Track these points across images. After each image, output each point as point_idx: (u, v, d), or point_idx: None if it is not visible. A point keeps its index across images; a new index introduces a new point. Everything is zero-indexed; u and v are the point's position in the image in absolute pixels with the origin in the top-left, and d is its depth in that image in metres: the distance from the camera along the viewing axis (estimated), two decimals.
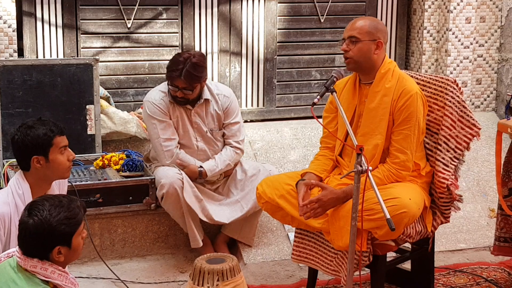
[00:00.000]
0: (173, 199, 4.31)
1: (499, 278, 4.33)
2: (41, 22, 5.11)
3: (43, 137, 3.17)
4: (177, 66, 4.29)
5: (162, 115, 4.41)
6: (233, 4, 5.55)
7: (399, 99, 3.67)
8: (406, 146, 3.68)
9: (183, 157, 4.45)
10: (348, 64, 3.73)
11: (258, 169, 4.52)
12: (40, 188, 3.22)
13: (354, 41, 3.67)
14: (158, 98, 4.43)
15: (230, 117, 4.55)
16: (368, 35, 3.67)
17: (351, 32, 3.69)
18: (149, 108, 4.43)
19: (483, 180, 5.40)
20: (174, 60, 4.35)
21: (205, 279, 3.25)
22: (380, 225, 3.45)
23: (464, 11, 5.81)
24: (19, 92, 4.71)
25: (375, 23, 3.74)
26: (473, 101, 6.08)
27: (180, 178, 4.31)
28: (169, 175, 4.30)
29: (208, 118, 4.50)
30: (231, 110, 4.55)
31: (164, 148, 4.42)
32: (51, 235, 2.64)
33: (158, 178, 4.37)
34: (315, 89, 5.85)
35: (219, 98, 4.52)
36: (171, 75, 4.31)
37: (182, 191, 4.29)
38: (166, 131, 4.42)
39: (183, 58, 4.31)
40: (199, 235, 4.44)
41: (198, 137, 4.51)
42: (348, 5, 5.84)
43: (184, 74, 4.26)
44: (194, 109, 4.46)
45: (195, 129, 4.49)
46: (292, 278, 4.36)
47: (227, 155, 4.52)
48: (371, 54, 3.69)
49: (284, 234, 4.75)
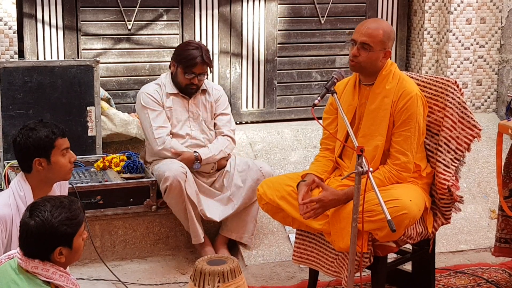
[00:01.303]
0: (177, 192, 4.33)
1: (500, 279, 4.33)
2: (42, 24, 5.11)
3: (45, 139, 3.16)
4: (194, 53, 4.49)
5: (154, 104, 4.55)
6: (233, 5, 5.55)
7: (399, 101, 3.68)
8: (407, 148, 3.68)
9: (175, 144, 4.50)
10: (353, 66, 3.72)
11: (248, 164, 4.54)
12: (42, 190, 3.22)
13: (366, 48, 3.65)
14: (151, 89, 4.60)
15: (222, 107, 4.72)
16: (381, 44, 3.66)
17: (365, 38, 3.65)
18: (143, 98, 4.57)
19: (483, 181, 5.40)
20: (188, 49, 4.53)
21: (206, 280, 3.25)
22: (381, 226, 3.45)
23: (465, 12, 5.81)
24: (19, 94, 4.71)
25: (389, 31, 3.71)
26: (473, 102, 6.09)
27: (184, 172, 4.34)
28: (173, 168, 4.34)
29: (203, 108, 4.65)
30: (222, 101, 4.73)
31: (155, 135, 4.52)
32: (53, 236, 2.64)
33: (162, 171, 4.39)
34: (315, 90, 5.86)
35: (211, 91, 4.70)
36: (191, 63, 4.49)
37: (185, 184, 4.31)
38: (158, 119, 4.54)
39: (195, 46, 4.55)
40: (201, 230, 4.45)
41: (193, 125, 4.61)
42: (349, 6, 5.85)
43: (205, 58, 4.49)
44: (191, 99, 4.61)
45: (190, 118, 4.61)
46: (293, 279, 4.36)
47: (220, 142, 4.63)
48: (378, 61, 3.69)
49: (285, 235, 4.75)
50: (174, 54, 4.58)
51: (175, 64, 4.54)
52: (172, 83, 4.59)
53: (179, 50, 4.58)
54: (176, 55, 4.56)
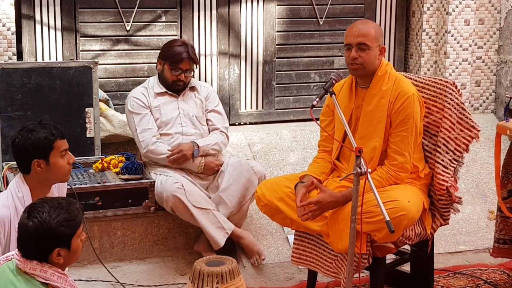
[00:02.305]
0: (181, 208, 4.34)
1: (498, 280, 4.33)
2: (40, 25, 5.11)
3: (44, 141, 3.17)
4: (180, 50, 4.58)
5: (139, 107, 4.61)
6: (232, 6, 5.55)
7: (396, 101, 3.68)
8: (404, 148, 3.68)
9: (159, 147, 4.54)
10: (357, 70, 3.70)
11: (241, 163, 4.54)
12: (40, 191, 3.22)
13: (364, 48, 3.66)
14: (137, 93, 4.67)
15: (213, 103, 4.78)
16: (375, 41, 3.68)
17: (360, 39, 3.66)
18: (130, 103, 4.64)
19: (482, 182, 5.40)
20: (174, 46, 4.61)
21: (204, 281, 3.25)
22: (380, 227, 3.45)
23: (463, 13, 5.82)
24: (18, 95, 4.71)
25: (378, 28, 3.75)
26: (472, 103, 6.09)
27: (179, 186, 4.34)
28: (168, 188, 4.35)
29: (193, 104, 4.70)
30: (213, 98, 4.80)
31: (140, 138, 4.57)
32: (51, 237, 2.64)
33: (160, 193, 4.41)
34: (314, 92, 5.86)
35: (200, 88, 4.77)
36: (177, 58, 4.56)
37: (186, 197, 4.31)
38: (143, 122, 4.59)
39: (180, 43, 4.64)
40: (220, 235, 4.41)
41: (184, 122, 4.64)
42: (347, 7, 5.85)
43: (191, 54, 4.58)
44: (181, 96, 4.67)
45: (181, 114, 4.64)
46: (291, 280, 4.36)
47: (215, 136, 4.69)
48: (376, 59, 3.70)
49: (284, 236, 4.75)
50: (161, 52, 4.67)
51: (162, 62, 4.62)
52: (159, 82, 4.66)
53: (165, 47, 4.67)
54: (162, 53, 4.65)
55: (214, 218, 4.39)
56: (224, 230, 4.41)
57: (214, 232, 4.38)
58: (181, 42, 4.65)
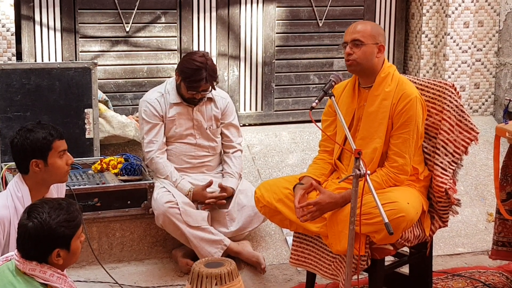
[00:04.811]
0: (172, 227, 4.32)
1: (497, 282, 4.33)
2: (40, 26, 5.11)
3: (43, 141, 3.17)
4: (199, 73, 4.35)
5: (152, 116, 4.50)
6: (231, 8, 5.55)
7: (398, 103, 3.68)
8: (405, 150, 3.68)
9: (160, 166, 4.47)
10: (350, 66, 3.72)
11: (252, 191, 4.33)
12: (39, 192, 3.22)
13: (358, 44, 3.67)
14: (153, 98, 4.54)
15: (230, 117, 4.65)
16: (371, 38, 3.68)
17: (354, 35, 3.68)
18: (143, 107, 4.54)
19: (481, 184, 5.41)
20: (192, 68, 4.36)
21: (203, 283, 3.25)
22: (378, 229, 3.45)
23: (462, 15, 5.82)
24: (17, 96, 4.71)
25: (376, 27, 3.76)
26: (471, 106, 6.09)
27: (173, 205, 4.30)
28: (159, 206, 4.32)
29: (208, 116, 4.58)
30: (230, 111, 4.65)
31: (145, 148, 4.53)
32: (51, 238, 2.64)
33: (153, 207, 4.41)
34: (313, 93, 5.86)
35: (216, 99, 4.61)
36: (196, 85, 4.37)
37: (183, 217, 4.28)
38: (151, 132, 4.51)
39: (199, 63, 4.37)
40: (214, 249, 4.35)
41: (198, 134, 4.57)
42: (347, 9, 5.86)
43: (208, 79, 4.38)
44: (197, 107, 4.54)
45: (195, 126, 4.55)
46: (290, 282, 4.36)
47: (236, 165, 4.62)
48: (373, 57, 3.70)
49: (282, 238, 4.75)
50: (179, 67, 4.45)
51: (179, 76, 4.43)
52: (176, 92, 4.51)
53: (184, 64, 4.42)
54: (180, 69, 4.42)
55: (210, 234, 4.35)
56: (221, 244, 4.37)
57: (209, 248, 4.32)
58: (201, 61, 4.36)
